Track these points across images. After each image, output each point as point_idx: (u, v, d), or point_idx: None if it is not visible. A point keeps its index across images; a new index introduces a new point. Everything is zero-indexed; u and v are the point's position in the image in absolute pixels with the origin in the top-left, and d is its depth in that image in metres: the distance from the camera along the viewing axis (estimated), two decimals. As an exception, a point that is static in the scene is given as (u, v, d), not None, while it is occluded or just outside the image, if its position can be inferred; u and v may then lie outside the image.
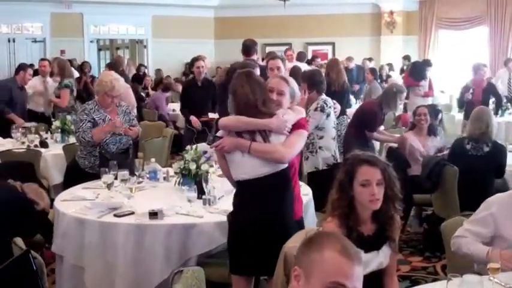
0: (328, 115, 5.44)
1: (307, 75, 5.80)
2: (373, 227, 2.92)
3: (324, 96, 5.55)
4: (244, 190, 3.30)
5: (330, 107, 5.46)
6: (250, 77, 3.35)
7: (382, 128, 6.69)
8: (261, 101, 3.28)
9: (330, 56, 15.35)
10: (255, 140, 3.23)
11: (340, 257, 1.81)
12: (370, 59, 14.98)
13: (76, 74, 10.87)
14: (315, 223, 4.13)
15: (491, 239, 3.12)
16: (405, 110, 9.13)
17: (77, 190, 4.45)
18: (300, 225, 3.52)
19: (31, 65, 14.42)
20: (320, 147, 5.46)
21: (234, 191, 3.44)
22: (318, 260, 1.82)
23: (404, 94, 6.51)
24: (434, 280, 4.63)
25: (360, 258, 1.87)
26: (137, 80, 13.41)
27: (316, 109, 5.40)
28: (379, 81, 11.79)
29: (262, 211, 3.24)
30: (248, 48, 6.55)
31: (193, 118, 7.21)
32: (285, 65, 5.74)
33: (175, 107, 10.90)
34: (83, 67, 12.95)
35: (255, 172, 3.24)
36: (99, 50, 18.20)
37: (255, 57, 6.66)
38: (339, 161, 5.44)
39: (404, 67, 13.77)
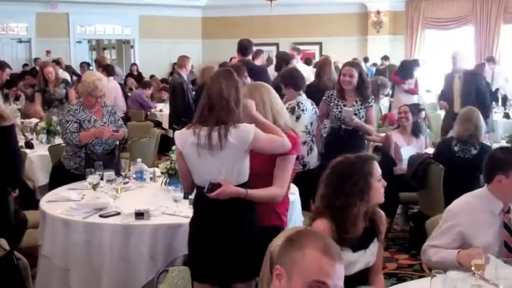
0: (298, 118, 5.18)
1: (283, 73, 5.73)
2: (361, 226, 2.94)
3: (301, 97, 5.33)
4: (204, 196, 3.19)
5: (302, 110, 5.22)
6: (228, 76, 3.23)
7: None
8: (233, 100, 3.15)
9: (317, 56, 15.39)
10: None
11: (321, 256, 1.80)
12: (366, 59, 15.00)
13: (66, 75, 10.80)
14: (301, 222, 4.13)
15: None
16: (390, 108, 9.18)
17: (62, 191, 4.41)
18: (268, 232, 3.29)
19: (25, 65, 14.45)
20: None
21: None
22: (299, 258, 1.81)
23: (388, 89, 6.55)
24: (421, 277, 4.63)
25: (341, 256, 1.88)
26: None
27: (287, 109, 5.23)
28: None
29: (221, 219, 3.17)
30: (245, 48, 6.56)
31: None
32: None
33: (161, 107, 10.87)
34: (81, 68, 13.03)
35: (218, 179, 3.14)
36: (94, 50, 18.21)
37: (251, 57, 6.68)
38: (310, 167, 5.26)
39: (382, 67, 13.84)
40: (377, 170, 2.92)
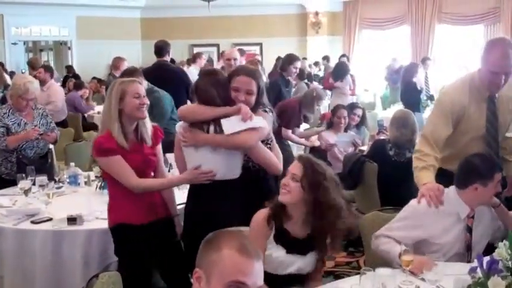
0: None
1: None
2: (304, 230, 2.95)
3: None
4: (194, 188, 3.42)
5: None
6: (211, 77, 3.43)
7: (301, 130, 6.76)
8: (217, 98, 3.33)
9: (258, 57, 15.43)
10: (208, 131, 3.28)
11: (238, 255, 1.78)
12: (304, 59, 15.18)
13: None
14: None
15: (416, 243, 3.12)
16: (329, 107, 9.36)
17: (-7, 198, 4.30)
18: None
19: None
20: None
21: None
22: (216, 259, 1.78)
23: (323, 100, 6.67)
24: (357, 274, 4.71)
25: (260, 254, 1.86)
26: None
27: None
28: (306, 80, 11.90)
29: (208, 210, 3.29)
30: (160, 49, 6.54)
31: None
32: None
33: (99, 109, 10.65)
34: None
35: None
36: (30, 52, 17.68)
37: (167, 58, 6.67)
38: None
39: (322, 67, 14.05)
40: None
